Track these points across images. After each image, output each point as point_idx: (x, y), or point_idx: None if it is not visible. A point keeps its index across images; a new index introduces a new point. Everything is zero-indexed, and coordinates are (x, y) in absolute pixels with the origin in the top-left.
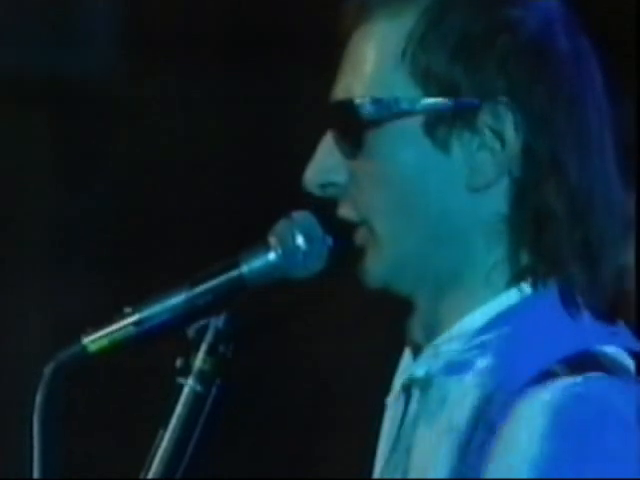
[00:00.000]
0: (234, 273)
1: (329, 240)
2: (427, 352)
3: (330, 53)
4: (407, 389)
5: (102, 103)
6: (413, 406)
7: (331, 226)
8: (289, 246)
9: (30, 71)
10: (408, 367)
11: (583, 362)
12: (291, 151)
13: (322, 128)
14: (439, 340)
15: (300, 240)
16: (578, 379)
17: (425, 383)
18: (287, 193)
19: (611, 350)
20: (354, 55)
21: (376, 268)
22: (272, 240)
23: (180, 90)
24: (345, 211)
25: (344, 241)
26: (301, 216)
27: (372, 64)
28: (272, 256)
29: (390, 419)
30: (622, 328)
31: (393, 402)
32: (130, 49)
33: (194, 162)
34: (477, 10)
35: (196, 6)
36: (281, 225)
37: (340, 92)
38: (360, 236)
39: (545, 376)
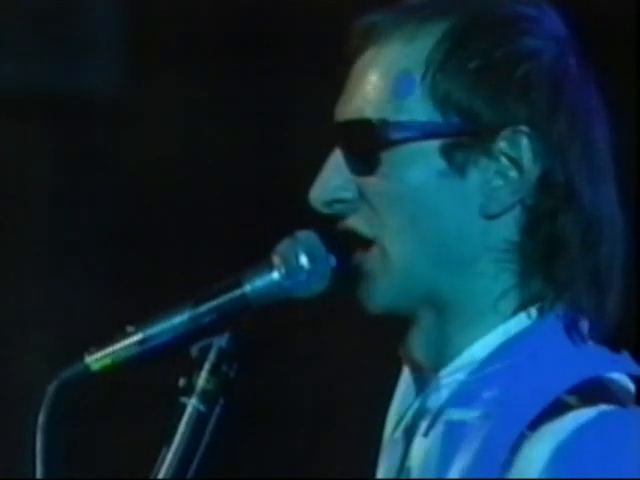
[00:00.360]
0: (237, 292)
1: (332, 260)
2: (433, 384)
3: (331, 54)
4: (413, 422)
5: (102, 116)
6: (418, 438)
7: (334, 246)
8: (292, 265)
9: (29, 85)
10: (409, 395)
11: (594, 392)
12: (292, 152)
13: (322, 129)
14: (445, 371)
15: (304, 259)
16: (592, 413)
17: (431, 416)
18: (287, 193)
19: (617, 376)
20: (365, 76)
21: (384, 294)
22: (275, 259)
23: (182, 103)
24: (355, 223)
25: (347, 261)
26: (305, 235)
27: (387, 86)
28: (275, 275)
29: (392, 449)
30: (625, 354)
31: (399, 435)
32: (131, 61)
33: (195, 172)
34: (497, 39)
35: (197, 22)
36: (285, 244)
37: (351, 112)
38: (370, 260)
39: (558, 408)
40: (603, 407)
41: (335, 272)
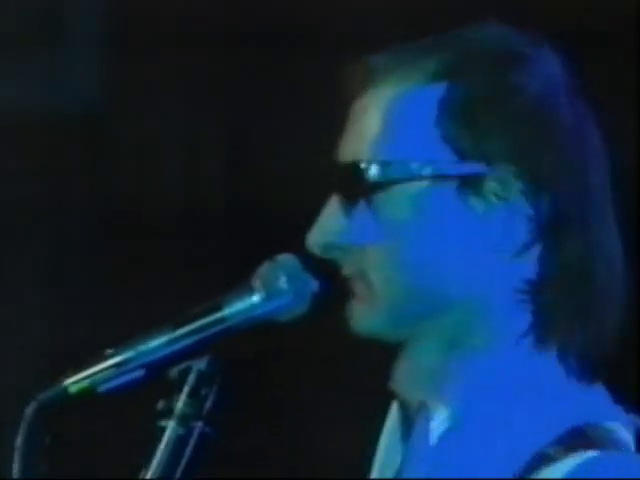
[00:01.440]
0: (217, 315)
1: (313, 283)
2: (421, 425)
3: (332, 51)
4: (402, 461)
5: (97, 137)
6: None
7: (315, 269)
8: (273, 288)
9: (26, 104)
10: (396, 429)
11: (574, 440)
12: (292, 153)
13: (322, 131)
14: (433, 413)
15: (284, 282)
16: (575, 462)
17: (420, 457)
18: (286, 192)
19: (610, 423)
20: (361, 119)
21: (371, 320)
22: (256, 282)
23: (177, 120)
24: (349, 270)
25: (329, 284)
26: (285, 258)
27: (380, 127)
28: (256, 298)
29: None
30: (603, 392)
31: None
32: (122, 80)
33: (184, 189)
34: (482, 76)
35: (191, 38)
36: (265, 267)
37: (346, 155)
38: (357, 285)
39: (540, 461)
40: (584, 454)
41: (316, 295)
